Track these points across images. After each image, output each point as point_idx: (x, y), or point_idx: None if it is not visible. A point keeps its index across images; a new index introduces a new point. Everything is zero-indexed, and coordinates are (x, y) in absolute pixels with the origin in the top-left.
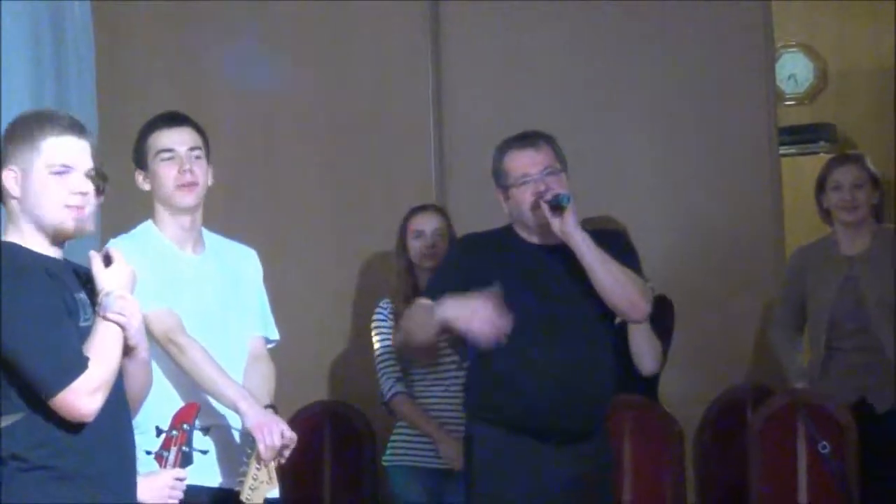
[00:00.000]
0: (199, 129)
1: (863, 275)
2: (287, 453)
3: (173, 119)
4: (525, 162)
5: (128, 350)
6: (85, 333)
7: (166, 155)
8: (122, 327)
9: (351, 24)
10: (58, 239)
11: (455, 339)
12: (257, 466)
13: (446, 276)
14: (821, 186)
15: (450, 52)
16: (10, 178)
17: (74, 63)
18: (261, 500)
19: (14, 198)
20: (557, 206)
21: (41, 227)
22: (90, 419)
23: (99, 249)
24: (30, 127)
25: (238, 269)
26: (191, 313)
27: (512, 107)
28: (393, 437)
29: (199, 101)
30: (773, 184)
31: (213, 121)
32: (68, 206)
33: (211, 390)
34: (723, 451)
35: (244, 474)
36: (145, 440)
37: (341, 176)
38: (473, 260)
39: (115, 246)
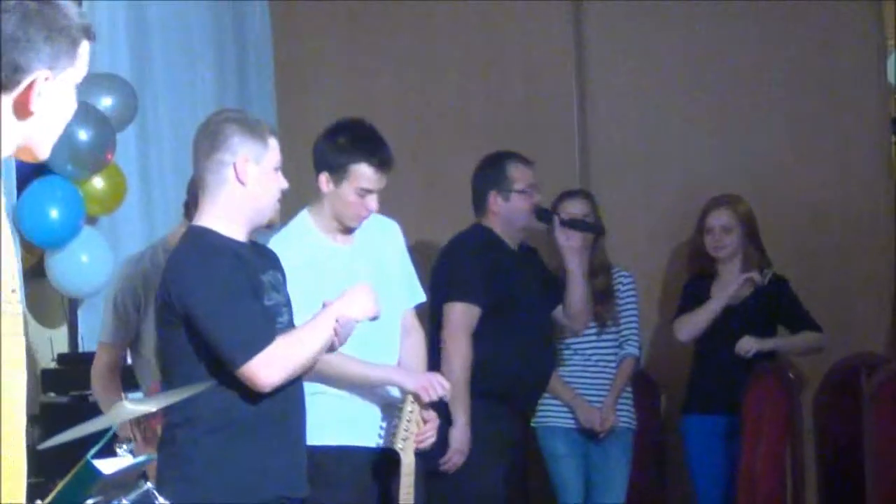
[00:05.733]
0: None
1: None
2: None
3: (386, 164)
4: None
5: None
6: (269, 312)
7: (364, 192)
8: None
9: (499, 27)
10: (259, 226)
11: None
12: (408, 420)
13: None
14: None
15: (592, 50)
16: (244, 166)
17: (254, 63)
18: (411, 451)
19: (242, 184)
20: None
21: (254, 216)
22: (268, 390)
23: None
24: (259, 124)
25: (384, 247)
26: None
27: (649, 102)
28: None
29: (365, 100)
30: (887, 169)
31: (376, 114)
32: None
33: (361, 381)
34: (839, 411)
35: (396, 427)
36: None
37: None
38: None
39: (275, 244)
